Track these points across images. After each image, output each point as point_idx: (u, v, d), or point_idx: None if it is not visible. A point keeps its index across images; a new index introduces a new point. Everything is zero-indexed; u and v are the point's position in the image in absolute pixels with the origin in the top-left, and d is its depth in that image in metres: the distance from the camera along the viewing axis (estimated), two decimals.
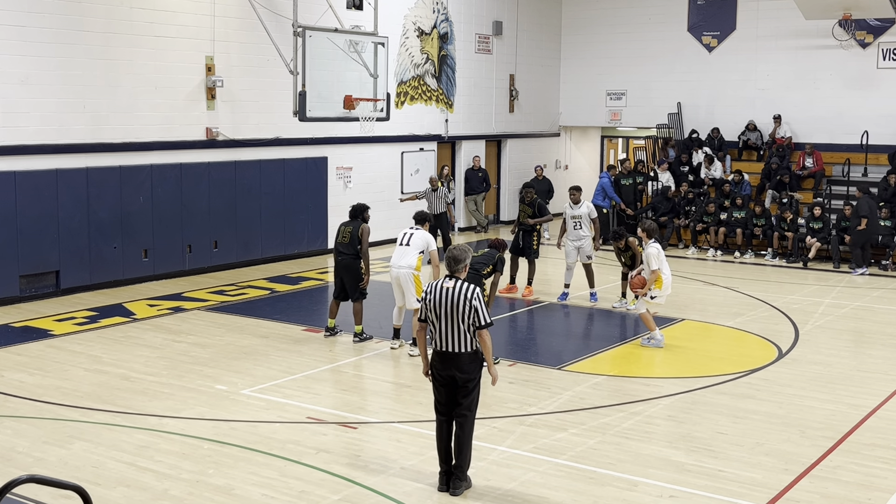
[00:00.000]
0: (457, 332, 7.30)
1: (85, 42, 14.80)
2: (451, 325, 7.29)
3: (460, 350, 7.31)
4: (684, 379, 10.66)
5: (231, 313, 13.77)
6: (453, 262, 7.48)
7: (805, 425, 9.11)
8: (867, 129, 20.66)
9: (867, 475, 7.86)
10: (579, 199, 14.76)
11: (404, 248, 11.75)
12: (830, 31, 21.60)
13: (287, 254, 18.31)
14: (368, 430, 8.93)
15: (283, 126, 17.79)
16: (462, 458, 7.41)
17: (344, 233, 12.10)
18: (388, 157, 20.67)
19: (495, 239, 11.95)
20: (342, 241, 12.09)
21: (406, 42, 20.93)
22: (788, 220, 19.28)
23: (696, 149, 22.58)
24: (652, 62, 24.25)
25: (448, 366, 7.35)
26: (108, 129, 15.23)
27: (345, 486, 7.51)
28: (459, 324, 7.28)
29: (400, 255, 11.74)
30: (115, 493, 7.33)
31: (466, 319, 7.26)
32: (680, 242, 20.85)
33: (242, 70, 17.19)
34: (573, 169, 26.84)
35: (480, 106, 23.40)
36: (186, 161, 16.38)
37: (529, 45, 24.76)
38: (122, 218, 15.42)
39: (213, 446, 8.37)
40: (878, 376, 10.89)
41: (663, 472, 7.89)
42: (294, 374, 10.70)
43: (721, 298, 15.41)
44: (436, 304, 7.34)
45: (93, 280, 15.09)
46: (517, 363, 11.18)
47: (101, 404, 9.53)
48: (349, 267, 12.03)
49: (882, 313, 14.45)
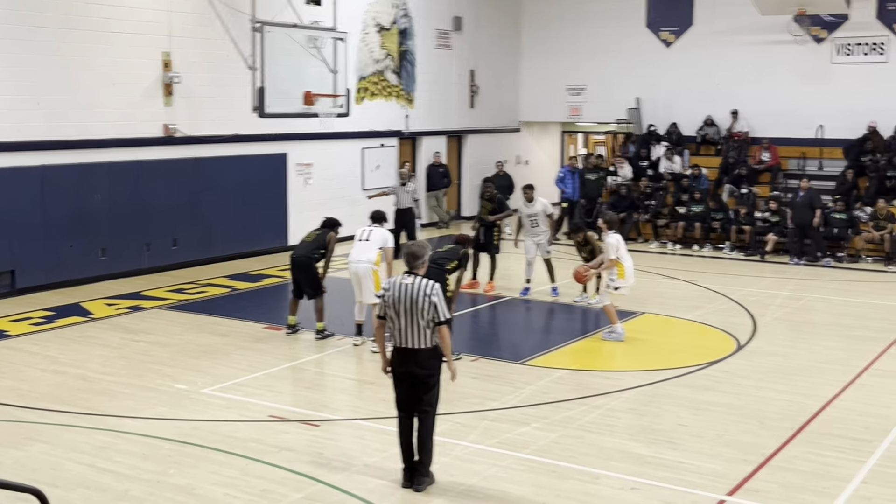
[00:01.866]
0: (416, 328, 7.26)
1: (40, 38, 14.57)
2: (410, 322, 7.26)
3: (419, 346, 7.29)
4: (645, 372, 10.75)
5: (191, 312, 13.65)
6: (412, 258, 7.44)
7: (763, 416, 9.23)
8: (822, 124, 20.96)
9: (824, 464, 7.98)
10: (533, 197, 14.78)
11: (364, 244, 11.77)
12: (786, 26, 21.87)
13: (247, 251, 18.18)
14: (331, 427, 8.90)
15: (242, 122, 17.65)
16: (425, 455, 7.41)
17: (310, 234, 12.26)
18: (348, 154, 20.59)
19: (460, 235, 11.97)
20: (305, 240, 12.23)
21: (366, 38, 20.85)
22: (743, 213, 19.50)
23: (655, 143, 22.76)
24: (611, 58, 24.38)
25: (407, 362, 7.32)
26: (63, 126, 15.02)
27: (308, 484, 7.48)
28: (418, 320, 7.24)
29: (359, 251, 11.75)
30: (73, 495, 7.24)
31: (426, 315, 7.24)
32: (640, 237, 21.01)
33: (200, 66, 17.02)
34: (534, 164, 26.92)
35: (441, 101, 23.40)
36: (144, 158, 16.20)
37: (489, 40, 24.79)
38: (78, 216, 15.22)
39: (173, 446, 8.30)
40: (834, 367, 11.06)
41: (625, 464, 7.95)
42: (255, 372, 10.63)
43: (681, 292, 15.56)
44: (394, 301, 7.29)
45: (49, 279, 14.88)
46: (480, 358, 11.21)
47: (58, 405, 9.40)
48: (302, 266, 12.03)
49: (838, 305, 14.68)
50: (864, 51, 21.38)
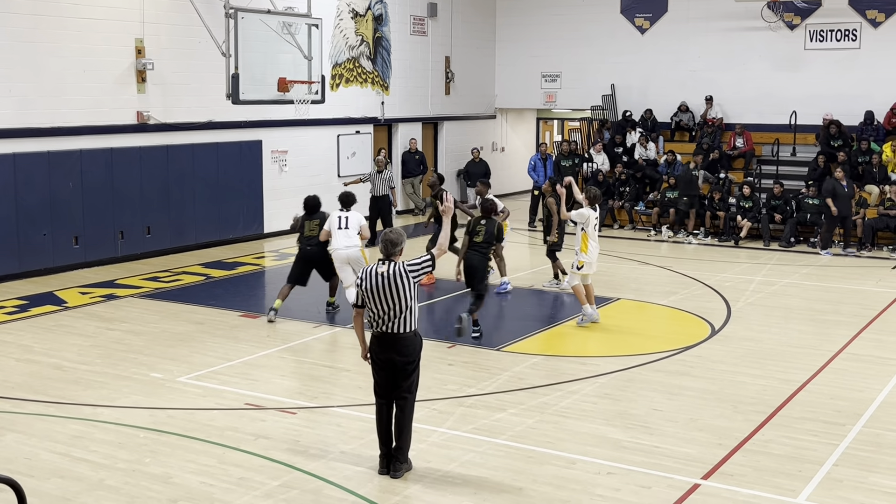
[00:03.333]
0: (395, 314, 7.26)
1: (9, 24, 14.41)
2: (389, 308, 7.26)
3: (399, 331, 7.29)
4: (620, 357, 10.82)
5: (165, 300, 13.58)
6: (391, 245, 7.41)
7: (738, 400, 9.31)
8: (795, 110, 21.08)
9: (797, 448, 8.07)
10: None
11: (345, 231, 12.44)
12: (759, 13, 21.98)
13: (222, 239, 18.10)
14: (307, 415, 8.90)
15: (216, 109, 17.53)
16: (403, 441, 7.42)
17: (311, 226, 12.66)
18: (323, 141, 20.51)
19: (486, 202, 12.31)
20: (311, 235, 12.61)
21: (340, 24, 20.76)
22: (718, 199, 19.63)
23: (631, 130, 22.83)
24: (586, 44, 24.41)
25: (387, 348, 7.32)
26: (34, 114, 14.86)
27: (285, 472, 7.48)
28: (398, 305, 7.25)
29: (343, 238, 12.39)
30: (49, 485, 7.20)
31: (407, 296, 7.25)
32: (615, 223, 21.09)
33: (173, 52, 16.89)
34: (509, 151, 26.96)
35: (416, 88, 23.34)
36: (117, 145, 16.06)
37: (465, 27, 24.74)
38: (51, 204, 15.08)
39: (149, 435, 8.27)
40: (807, 351, 11.17)
41: (600, 449, 8.01)
42: (231, 360, 10.60)
43: (655, 277, 15.65)
44: (372, 288, 7.29)
45: (22, 268, 14.75)
46: (456, 345, 11.24)
47: (32, 395, 9.34)
48: (317, 257, 12.59)
49: (811, 290, 14.81)
50: (836, 37, 21.52)
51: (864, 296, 14.30)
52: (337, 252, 12.41)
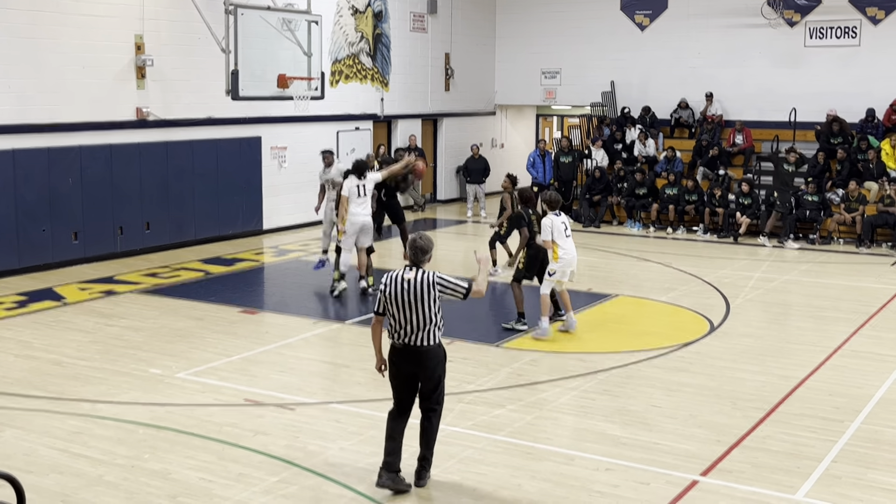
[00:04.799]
0: (420, 324, 6.86)
1: (8, 20, 14.39)
2: (414, 318, 6.85)
3: (424, 344, 6.89)
4: (619, 353, 10.82)
5: (165, 296, 13.58)
6: (420, 253, 6.98)
7: (736, 397, 9.32)
8: (795, 107, 21.07)
9: (796, 444, 8.07)
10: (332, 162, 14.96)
11: (364, 199, 13.06)
12: (759, 9, 21.97)
13: (221, 235, 18.10)
14: (306, 411, 8.90)
15: (216, 106, 17.52)
16: (429, 451, 7.16)
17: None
18: (323, 137, 20.46)
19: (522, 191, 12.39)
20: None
21: (340, 20, 20.74)
22: (718, 196, 19.64)
23: (630, 126, 22.82)
24: (586, 41, 24.39)
25: (410, 361, 6.93)
26: (34, 110, 14.85)
27: (283, 468, 7.48)
28: (423, 317, 6.86)
29: (363, 206, 13.05)
30: (48, 480, 7.21)
31: (433, 307, 6.87)
32: (614, 219, 21.09)
33: (173, 49, 16.88)
34: (509, 147, 26.94)
35: (416, 85, 23.32)
36: (116, 142, 16.06)
37: (465, 23, 24.72)
38: (50, 200, 15.08)
39: (148, 431, 8.27)
40: (806, 348, 11.18)
41: (599, 445, 8.01)
42: (230, 356, 10.61)
43: (654, 274, 15.65)
44: (396, 296, 6.87)
45: (21, 264, 14.75)
46: (455, 341, 11.22)
47: (32, 390, 9.34)
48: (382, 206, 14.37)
49: (810, 286, 14.82)
50: (836, 34, 21.51)
51: (863, 292, 14.30)
52: (354, 218, 12.91)
